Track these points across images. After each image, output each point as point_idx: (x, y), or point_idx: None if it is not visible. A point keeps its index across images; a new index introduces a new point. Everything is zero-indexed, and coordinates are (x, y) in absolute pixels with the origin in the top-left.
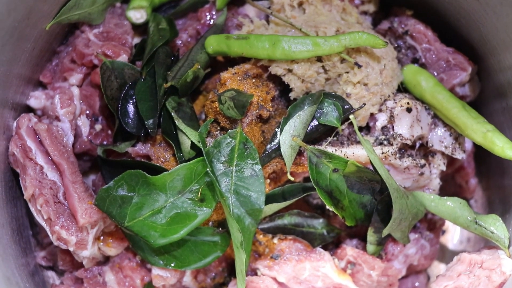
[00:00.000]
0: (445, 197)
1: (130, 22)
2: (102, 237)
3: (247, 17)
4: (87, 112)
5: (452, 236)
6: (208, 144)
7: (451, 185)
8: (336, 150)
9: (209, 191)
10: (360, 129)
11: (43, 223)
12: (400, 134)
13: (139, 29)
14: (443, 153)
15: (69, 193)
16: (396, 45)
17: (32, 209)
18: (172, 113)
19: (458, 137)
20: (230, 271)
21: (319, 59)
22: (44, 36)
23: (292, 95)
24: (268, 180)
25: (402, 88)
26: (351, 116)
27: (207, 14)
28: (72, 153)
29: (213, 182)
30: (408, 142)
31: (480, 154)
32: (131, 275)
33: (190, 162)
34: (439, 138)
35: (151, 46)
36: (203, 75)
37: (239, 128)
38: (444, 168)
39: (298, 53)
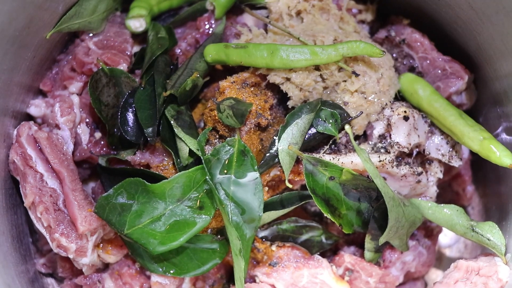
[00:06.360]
0: (442, 205)
1: (129, 31)
2: (101, 245)
3: (246, 26)
4: (87, 120)
5: (449, 243)
6: (207, 152)
7: (448, 193)
8: (333, 158)
9: (208, 198)
10: (358, 137)
11: (43, 231)
12: (397, 142)
13: (139, 37)
14: (440, 161)
15: (69, 200)
16: (393, 54)
17: (32, 217)
18: (172, 122)
19: (455, 145)
20: (229, 278)
21: (317, 67)
22: (45, 45)
23: (290, 103)
24: (267, 188)
25: (399, 97)
26: (346, 126)
27: (206, 23)
28: (72, 161)
29: (212, 190)
30: (405, 150)
31: (477, 161)
32: (130, 282)
33: (189, 170)
34: (436, 146)
35: (150, 54)
36: (202, 83)
37: (238, 136)
38: (441, 175)
39: (296, 62)
